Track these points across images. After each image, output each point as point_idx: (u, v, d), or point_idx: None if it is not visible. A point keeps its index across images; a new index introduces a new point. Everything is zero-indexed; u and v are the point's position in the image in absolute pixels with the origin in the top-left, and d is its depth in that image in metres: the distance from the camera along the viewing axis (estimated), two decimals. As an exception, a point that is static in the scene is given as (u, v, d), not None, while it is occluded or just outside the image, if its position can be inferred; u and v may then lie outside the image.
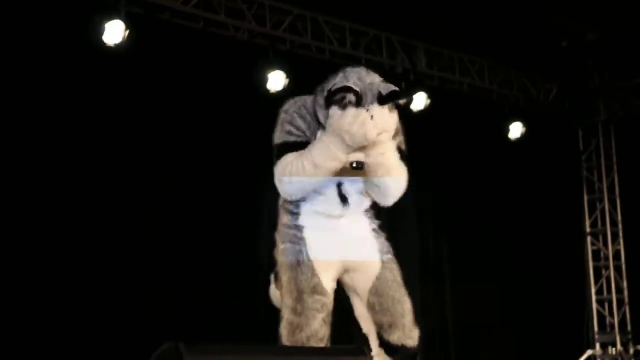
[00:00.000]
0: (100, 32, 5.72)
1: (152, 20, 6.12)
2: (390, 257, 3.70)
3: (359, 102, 3.38)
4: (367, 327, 3.68)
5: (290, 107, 3.63)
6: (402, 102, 3.57)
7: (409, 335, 3.62)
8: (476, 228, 7.98)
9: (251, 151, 6.23)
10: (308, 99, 3.62)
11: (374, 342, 3.64)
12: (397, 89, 3.51)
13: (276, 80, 6.42)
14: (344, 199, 3.62)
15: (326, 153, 3.45)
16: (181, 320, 5.82)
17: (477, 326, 7.78)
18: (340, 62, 6.25)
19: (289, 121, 3.58)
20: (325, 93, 3.46)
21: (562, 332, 8.23)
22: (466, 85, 7.92)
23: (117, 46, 5.78)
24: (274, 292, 3.92)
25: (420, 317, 7.15)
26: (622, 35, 7.58)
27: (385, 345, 3.56)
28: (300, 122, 3.56)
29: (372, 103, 3.41)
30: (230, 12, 6.43)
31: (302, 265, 3.58)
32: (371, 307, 3.64)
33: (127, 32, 5.77)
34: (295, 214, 3.66)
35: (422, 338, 7.14)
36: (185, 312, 5.90)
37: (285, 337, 3.56)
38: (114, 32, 5.75)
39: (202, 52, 6.37)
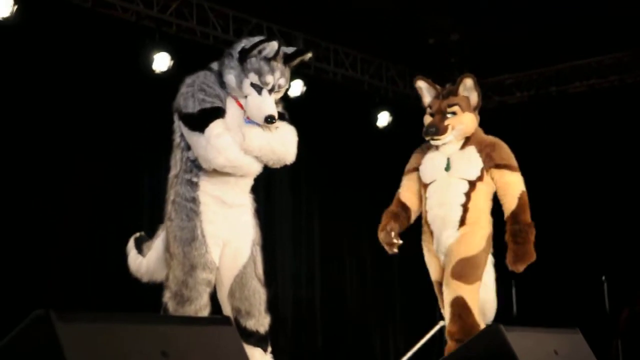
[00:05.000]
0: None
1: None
2: (258, 248, 3.77)
3: (277, 53, 3.65)
4: (225, 308, 3.75)
5: (194, 80, 3.67)
6: (306, 57, 3.90)
7: (262, 322, 3.73)
8: (345, 206, 8.21)
9: (135, 128, 6.41)
10: (206, 73, 3.72)
11: None
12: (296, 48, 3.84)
13: (161, 62, 6.53)
14: None
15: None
16: (52, 290, 5.75)
17: (341, 301, 8.12)
18: (223, 47, 6.04)
19: (199, 90, 3.60)
20: (238, 53, 3.65)
21: (417, 305, 8.49)
22: (340, 75, 8.19)
23: (5, 20, 5.69)
24: (136, 260, 3.91)
25: (292, 285, 7.66)
26: (482, 37, 8.01)
27: (241, 329, 3.60)
28: (210, 90, 3.61)
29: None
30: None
31: (196, 240, 3.57)
32: (231, 293, 3.70)
33: (15, 7, 5.71)
34: (194, 185, 3.64)
35: (292, 305, 7.58)
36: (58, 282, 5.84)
37: (172, 308, 3.57)
38: (1, 6, 5.65)
39: (90, 30, 6.38)
